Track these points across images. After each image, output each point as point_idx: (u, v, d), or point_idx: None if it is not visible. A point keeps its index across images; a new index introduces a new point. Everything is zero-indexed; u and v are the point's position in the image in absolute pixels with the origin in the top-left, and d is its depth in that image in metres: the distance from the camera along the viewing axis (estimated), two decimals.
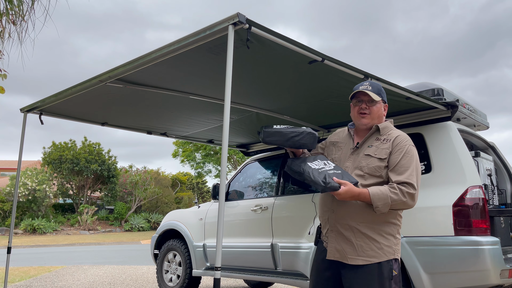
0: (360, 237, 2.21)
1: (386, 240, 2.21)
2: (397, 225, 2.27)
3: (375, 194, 2.14)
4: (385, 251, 2.20)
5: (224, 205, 2.66)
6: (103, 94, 3.94)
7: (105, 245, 17.53)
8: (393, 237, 2.24)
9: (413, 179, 2.17)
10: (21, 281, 7.47)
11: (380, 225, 2.22)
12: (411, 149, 2.25)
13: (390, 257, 2.20)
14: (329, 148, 2.50)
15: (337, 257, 2.27)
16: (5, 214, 23.47)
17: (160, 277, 5.78)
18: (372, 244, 2.20)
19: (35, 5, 3.70)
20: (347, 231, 2.24)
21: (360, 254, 2.20)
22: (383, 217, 2.22)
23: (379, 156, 2.26)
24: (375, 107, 2.36)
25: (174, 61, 3.14)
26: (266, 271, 4.50)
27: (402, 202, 2.14)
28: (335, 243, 2.28)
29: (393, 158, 2.24)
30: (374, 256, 2.19)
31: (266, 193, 5.04)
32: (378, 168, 2.24)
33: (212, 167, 27.96)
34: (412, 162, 2.21)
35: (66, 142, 26.57)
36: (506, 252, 3.48)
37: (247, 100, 4.16)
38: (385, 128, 2.36)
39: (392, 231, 2.24)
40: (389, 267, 2.19)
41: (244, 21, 2.49)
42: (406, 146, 2.26)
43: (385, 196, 2.13)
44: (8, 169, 41.69)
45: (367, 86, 2.37)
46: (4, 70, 4.04)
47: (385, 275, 2.18)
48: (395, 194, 2.14)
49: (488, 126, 4.61)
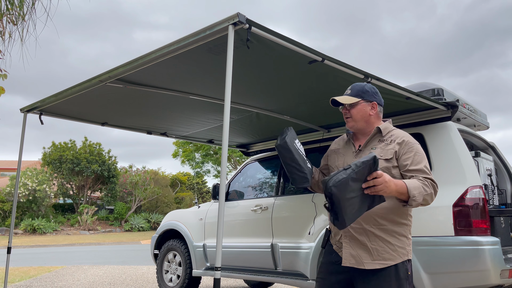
0: (374, 240, 2.20)
1: (399, 242, 2.20)
2: (409, 226, 2.25)
3: (410, 183, 2.06)
4: (400, 252, 2.19)
5: (224, 205, 2.66)
6: (103, 94, 3.94)
7: (105, 245, 17.53)
8: (406, 238, 2.23)
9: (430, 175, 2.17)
10: (21, 281, 7.47)
11: (393, 227, 2.21)
12: (419, 148, 2.26)
13: (404, 258, 2.19)
14: (332, 157, 2.49)
15: (352, 263, 2.23)
16: (5, 214, 23.47)
17: (160, 277, 5.78)
18: (386, 247, 2.18)
19: (35, 5, 3.70)
20: (361, 235, 2.22)
21: (376, 258, 2.18)
22: (396, 218, 2.21)
23: (385, 157, 2.24)
24: (355, 109, 2.35)
25: (174, 61, 3.14)
26: (266, 271, 4.50)
27: (429, 195, 2.10)
28: (350, 248, 2.25)
29: (406, 158, 2.21)
30: (390, 258, 2.17)
31: (266, 193, 5.04)
32: (386, 169, 2.21)
33: (211, 167, 27.97)
34: (424, 159, 2.23)
35: (66, 142, 26.58)
36: (506, 252, 3.48)
37: (247, 100, 4.16)
38: (386, 129, 2.35)
39: (405, 232, 2.23)
40: (405, 268, 2.19)
41: (244, 21, 2.50)
42: (415, 145, 2.26)
43: (418, 185, 2.08)
44: (8, 169, 41.69)
45: (347, 91, 2.40)
46: (5, 70, 4.04)
47: (402, 276, 2.18)
48: (427, 186, 2.10)
49: (488, 126, 4.61)
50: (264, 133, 5.31)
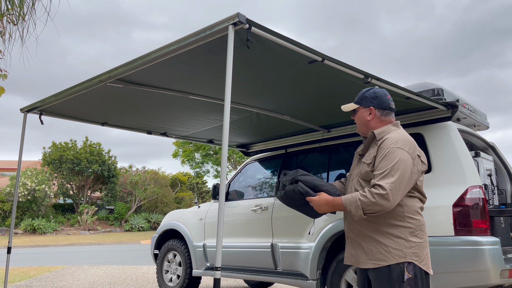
0: (369, 241, 2.29)
1: (394, 243, 2.22)
2: (408, 228, 2.23)
3: (346, 199, 2.26)
4: (394, 254, 2.21)
5: (224, 205, 2.67)
6: (103, 94, 3.94)
7: (105, 245, 17.54)
8: (404, 240, 2.22)
9: (384, 180, 2.15)
10: (21, 281, 7.47)
11: (387, 228, 2.24)
12: (393, 151, 2.22)
13: (399, 260, 2.20)
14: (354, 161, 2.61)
15: (352, 261, 2.39)
16: (5, 214, 23.48)
17: (160, 277, 5.78)
18: (380, 248, 2.24)
19: (35, 5, 3.70)
20: (357, 236, 2.35)
21: (371, 258, 2.28)
22: (389, 220, 2.24)
23: (367, 162, 2.33)
24: (356, 115, 2.49)
25: (174, 61, 3.14)
26: (266, 271, 4.50)
27: (372, 203, 2.15)
28: (351, 248, 2.41)
29: (376, 162, 2.27)
30: (383, 259, 2.23)
31: (266, 193, 5.04)
32: (367, 174, 2.30)
33: (211, 167, 27.97)
34: (391, 163, 2.18)
35: (66, 142, 26.59)
36: (506, 252, 3.48)
37: (247, 100, 4.16)
38: (381, 133, 2.36)
39: (402, 234, 2.22)
40: (400, 270, 2.20)
41: (244, 21, 2.50)
42: (389, 148, 2.24)
43: (354, 200, 2.21)
44: (8, 169, 41.69)
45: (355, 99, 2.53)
46: (5, 70, 4.04)
47: (395, 278, 2.20)
48: (364, 197, 2.18)
49: (488, 126, 4.60)
50: (264, 133, 5.31)
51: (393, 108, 2.45)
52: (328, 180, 4.41)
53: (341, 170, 4.42)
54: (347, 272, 3.72)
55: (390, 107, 2.43)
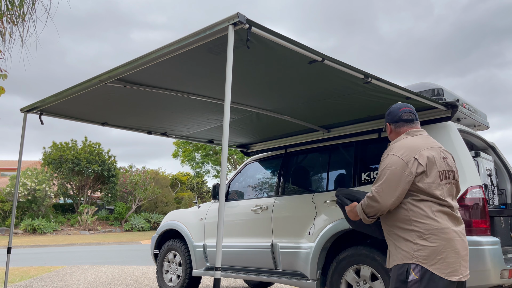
0: (390, 244, 2.47)
1: (404, 245, 2.35)
2: (415, 231, 2.31)
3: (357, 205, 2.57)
4: (402, 255, 2.34)
5: (224, 205, 2.67)
6: (103, 94, 3.94)
7: (105, 245, 17.54)
8: (412, 243, 2.31)
9: (374, 185, 2.42)
10: (21, 281, 7.47)
11: (398, 232, 2.38)
12: (385, 158, 2.44)
13: (405, 261, 2.31)
14: None
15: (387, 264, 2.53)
16: (5, 214, 23.48)
17: (160, 277, 5.78)
18: (395, 250, 2.40)
19: (35, 5, 3.70)
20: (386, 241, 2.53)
21: (390, 259, 2.46)
22: (398, 224, 2.39)
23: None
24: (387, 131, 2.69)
25: (174, 61, 3.14)
26: (266, 271, 4.50)
27: (366, 206, 2.46)
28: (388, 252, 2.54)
29: None
30: (394, 260, 2.39)
31: (266, 193, 5.04)
32: None
33: (211, 167, 27.97)
34: (381, 169, 2.43)
35: (67, 142, 26.59)
36: (506, 252, 3.48)
37: (247, 100, 4.16)
38: (390, 144, 2.54)
39: (410, 237, 2.33)
40: (403, 270, 2.30)
41: (244, 21, 2.50)
42: (383, 156, 2.47)
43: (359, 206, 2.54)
44: (8, 169, 41.68)
45: None
46: (5, 70, 4.04)
47: (398, 277, 2.32)
48: (363, 201, 2.50)
49: (488, 126, 4.60)
50: (264, 133, 5.31)
51: (406, 119, 2.57)
52: (328, 180, 4.41)
53: (341, 170, 4.41)
54: (347, 272, 3.72)
55: (401, 119, 2.57)
